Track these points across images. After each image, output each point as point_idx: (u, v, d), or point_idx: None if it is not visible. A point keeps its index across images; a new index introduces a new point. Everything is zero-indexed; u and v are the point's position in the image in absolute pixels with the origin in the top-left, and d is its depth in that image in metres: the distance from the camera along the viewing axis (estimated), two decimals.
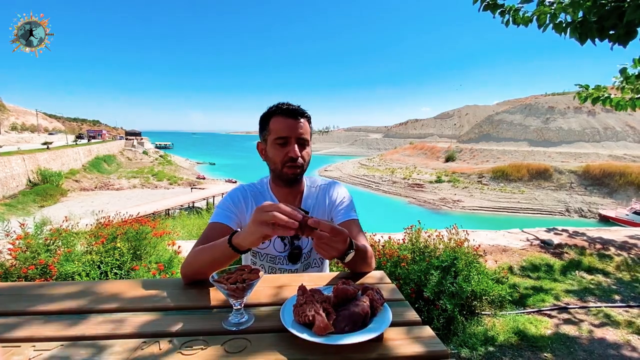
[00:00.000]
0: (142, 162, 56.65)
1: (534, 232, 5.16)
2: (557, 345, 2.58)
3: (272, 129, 1.17)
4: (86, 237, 3.13)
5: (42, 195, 26.34)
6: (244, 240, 0.88)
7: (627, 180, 34.80)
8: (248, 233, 0.86)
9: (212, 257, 0.95)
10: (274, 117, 1.18)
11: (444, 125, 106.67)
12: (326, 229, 0.84)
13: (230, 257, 0.93)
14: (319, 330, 0.69)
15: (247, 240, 0.87)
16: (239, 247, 0.90)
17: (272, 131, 1.17)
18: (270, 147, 1.18)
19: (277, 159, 1.17)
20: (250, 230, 0.85)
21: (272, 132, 1.17)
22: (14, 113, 61.41)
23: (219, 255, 0.94)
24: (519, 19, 2.63)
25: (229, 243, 0.91)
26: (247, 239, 0.87)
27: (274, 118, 1.18)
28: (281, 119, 1.17)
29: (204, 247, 1.00)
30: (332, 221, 1.27)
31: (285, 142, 1.16)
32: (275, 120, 1.17)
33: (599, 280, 3.74)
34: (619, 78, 3.48)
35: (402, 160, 59.71)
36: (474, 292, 2.96)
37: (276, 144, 1.16)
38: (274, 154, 1.17)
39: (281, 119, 1.17)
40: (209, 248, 0.97)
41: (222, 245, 0.92)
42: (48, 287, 0.96)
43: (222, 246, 0.92)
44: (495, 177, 40.71)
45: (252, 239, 0.86)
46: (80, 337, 0.73)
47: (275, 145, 1.16)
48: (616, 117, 55.16)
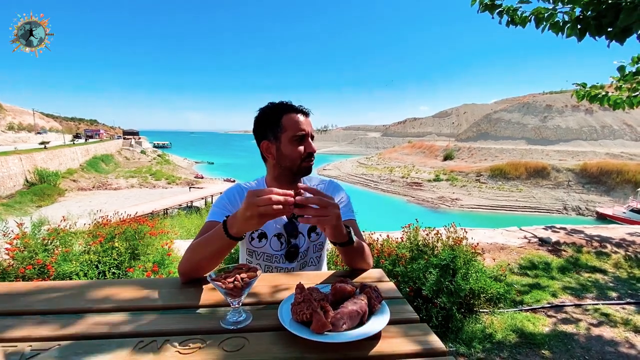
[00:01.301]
0: (140, 162, 56.50)
1: (532, 230, 5.17)
2: (555, 343, 2.59)
3: (287, 126, 1.16)
4: (84, 236, 3.12)
5: (39, 195, 26.23)
6: (242, 226, 0.88)
7: (624, 178, 34.97)
8: (243, 219, 0.86)
9: (210, 249, 0.95)
10: (287, 115, 1.17)
11: (442, 124, 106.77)
12: (314, 201, 0.87)
13: (228, 246, 0.94)
14: (317, 328, 0.69)
15: (245, 226, 0.87)
16: (237, 235, 0.90)
17: (288, 128, 1.16)
18: (286, 144, 1.17)
19: (295, 154, 1.17)
20: (245, 216, 0.85)
21: (287, 129, 1.16)
22: (11, 113, 61.07)
23: (217, 246, 0.94)
24: (518, 19, 2.63)
25: (226, 233, 0.91)
26: (245, 225, 0.87)
27: (286, 115, 1.17)
28: (296, 117, 1.18)
29: (199, 241, 0.99)
30: None
31: (303, 138, 1.18)
32: (289, 117, 1.17)
33: (596, 278, 3.75)
34: (616, 77, 3.49)
35: (401, 159, 59.77)
36: (472, 290, 2.96)
37: (294, 140, 1.17)
38: (292, 150, 1.17)
39: (296, 116, 1.18)
40: (205, 241, 0.97)
41: (219, 236, 0.92)
42: (45, 287, 0.96)
43: (219, 237, 0.92)
44: (493, 175, 40.82)
45: (250, 223, 0.86)
46: (77, 337, 0.72)
47: (292, 142, 1.17)
48: (613, 115, 55.34)
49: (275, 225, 1.22)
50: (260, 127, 1.22)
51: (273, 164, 1.23)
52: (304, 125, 1.18)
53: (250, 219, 0.84)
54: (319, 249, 1.31)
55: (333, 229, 0.95)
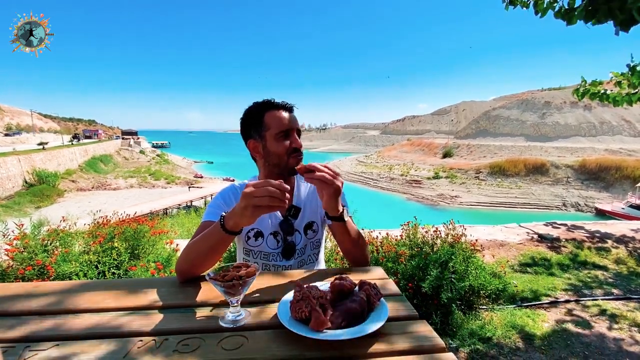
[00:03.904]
0: (139, 162, 56.41)
1: (531, 227, 5.18)
2: (555, 339, 2.60)
3: (270, 124, 1.17)
4: (84, 237, 3.11)
5: (38, 196, 26.18)
6: (238, 220, 0.89)
7: (623, 174, 35.00)
8: (239, 211, 0.87)
9: (207, 245, 0.96)
10: (269, 112, 1.18)
11: (441, 121, 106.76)
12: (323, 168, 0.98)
13: (224, 241, 0.95)
14: (316, 326, 0.68)
15: (241, 219, 0.88)
16: (232, 229, 0.91)
17: (272, 126, 1.17)
18: (271, 141, 1.18)
19: (281, 151, 1.17)
20: (241, 207, 0.86)
21: (271, 126, 1.17)
22: (9, 113, 60.92)
23: (213, 241, 0.95)
24: (517, 0, 2.63)
25: (223, 228, 0.91)
26: (240, 218, 0.88)
27: (268, 113, 1.18)
28: (279, 113, 1.18)
29: (196, 239, 1.00)
30: (324, 218, 1.28)
31: (287, 134, 1.18)
32: (271, 115, 1.18)
33: (596, 274, 3.76)
34: (617, 73, 3.48)
35: (400, 157, 59.74)
36: (471, 287, 2.97)
37: (279, 137, 1.17)
38: (278, 147, 1.17)
39: (279, 113, 1.18)
40: (202, 238, 0.98)
41: (216, 231, 0.93)
42: (43, 287, 0.96)
43: (216, 232, 0.93)
44: (492, 172, 40.83)
45: (245, 214, 0.86)
46: (75, 337, 0.72)
47: (277, 138, 1.17)
48: (612, 111, 55.35)
49: (271, 224, 1.22)
50: (245, 127, 1.23)
51: (262, 163, 1.23)
52: (287, 120, 1.18)
53: (245, 209, 0.85)
54: (317, 246, 1.31)
55: (330, 198, 1.00)
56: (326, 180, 0.96)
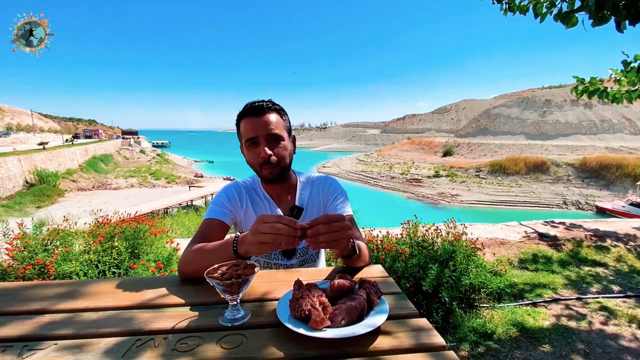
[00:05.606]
0: (139, 161, 56.43)
1: (532, 225, 5.17)
2: (556, 337, 2.59)
3: (242, 132, 1.16)
4: (84, 236, 3.11)
5: (39, 196, 26.19)
6: (248, 249, 0.87)
7: (624, 172, 34.97)
8: (249, 241, 0.85)
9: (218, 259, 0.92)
10: (242, 120, 1.16)
11: (441, 120, 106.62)
12: (320, 220, 0.82)
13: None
14: (316, 324, 0.68)
15: (250, 249, 0.87)
16: (244, 255, 0.90)
17: (243, 134, 1.15)
18: (245, 150, 1.18)
19: (253, 160, 1.16)
20: (250, 240, 0.84)
21: (242, 135, 1.16)
22: (9, 113, 60.95)
23: (224, 259, 0.92)
24: (515, 7, 2.63)
25: (235, 252, 0.90)
26: (250, 248, 0.87)
27: (242, 121, 1.16)
28: (247, 120, 1.14)
29: (207, 249, 0.98)
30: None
31: (255, 142, 1.13)
32: (243, 122, 1.15)
33: (596, 272, 3.76)
34: (617, 70, 3.47)
35: (400, 156, 59.71)
36: (472, 285, 2.97)
37: (248, 146, 1.15)
38: (250, 157, 1.16)
39: (247, 119, 1.14)
40: (214, 251, 0.95)
41: (228, 251, 0.91)
42: (42, 286, 0.95)
43: (227, 251, 0.91)
44: (492, 171, 40.82)
45: (253, 248, 0.86)
46: (74, 336, 0.72)
47: (247, 147, 1.15)
48: (612, 109, 55.27)
49: None
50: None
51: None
52: (255, 128, 1.12)
53: (252, 244, 0.84)
54: None
55: (342, 250, 0.94)
56: (332, 242, 0.83)
